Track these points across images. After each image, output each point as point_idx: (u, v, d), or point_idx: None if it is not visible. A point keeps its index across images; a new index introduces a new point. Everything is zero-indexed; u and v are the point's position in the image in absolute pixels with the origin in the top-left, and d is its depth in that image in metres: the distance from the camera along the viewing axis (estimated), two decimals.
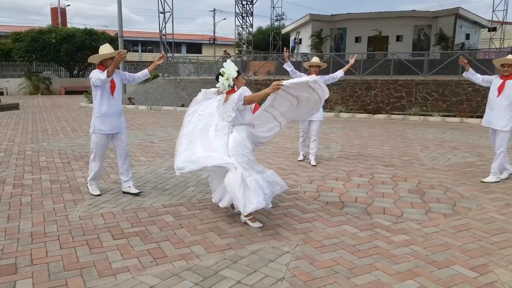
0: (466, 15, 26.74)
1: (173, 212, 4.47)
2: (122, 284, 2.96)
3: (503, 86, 5.74)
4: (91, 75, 4.69)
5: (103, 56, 4.72)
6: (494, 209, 4.77)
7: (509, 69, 5.71)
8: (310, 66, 6.94)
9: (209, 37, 42.88)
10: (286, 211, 4.55)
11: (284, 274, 3.15)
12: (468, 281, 3.11)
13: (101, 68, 4.74)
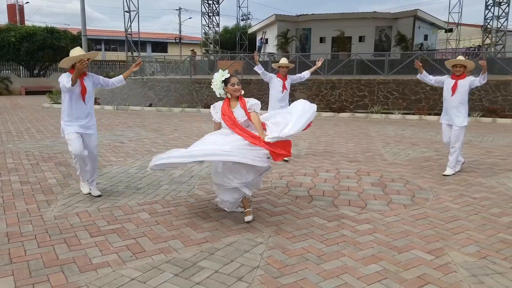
0: (424, 16, 27.88)
1: (148, 210, 4.59)
2: (104, 278, 3.08)
3: (456, 86, 6.12)
4: (60, 79, 4.59)
5: (73, 59, 4.54)
6: (449, 199, 5.16)
7: (460, 69, 6.09)
8: (278, 67, 7.20)
9: (175, 36, 42.55)
10: (258, 206, 4.77)
11: (259, 262, 3.36)
12: (426, 263, 3.43)
13: (72, 72, 4.56)
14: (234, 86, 4.27)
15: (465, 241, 3.88)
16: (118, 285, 2.98)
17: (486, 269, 3.33)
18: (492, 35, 25.51)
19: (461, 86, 6.10)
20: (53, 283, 2.99)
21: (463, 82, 6.10)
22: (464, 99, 6.16)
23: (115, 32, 46.22)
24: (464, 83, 6.09)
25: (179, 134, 9.99)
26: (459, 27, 29.55)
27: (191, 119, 13.25)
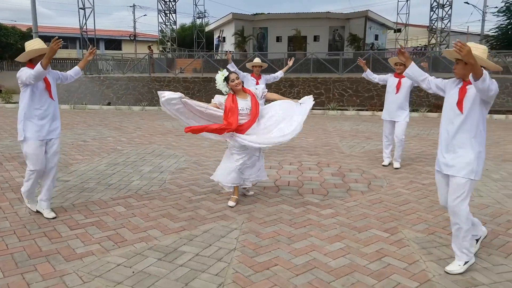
0: (374, 17, 29.10)
1: (123, 204, 4.77)
2: (90, 265, 3.27)
3: (399, 84, 6.37)
4: (19, 74, 4.04)
5: (38, 52, 4.02)
6: (401, 185, 5.69)
7: (400, 67, 6.27)
8: (252, 66, 7.42)
9: (130, 33, 41.75)
10: (230, 196, 5.04)
11: (235, 245, 3.66)
12: (382, 240, 3.86)
13: (31, 66, 4.01)
14: (234, 81, 4.69)
15: (416, 221, 4.37)
16: (106, 270, 3.19)
17: (434, 243, 3.81)
18: (437, 35, 27.04)
19: (404, 84, 6.34)
20: (41, 272, 3.15)
21: (406, 80, 6.27)
22: (407, 97, 6.44)
23: (66, 29, 44.70)
24: (407, 81, 6.26)
25: (142, 132, 10.06)
26: (407, 28, 31.07)
27: (152, 117, 13.29)
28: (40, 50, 4.05)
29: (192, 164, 6.78)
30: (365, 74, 6.74)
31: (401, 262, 3.43)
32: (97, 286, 2.96)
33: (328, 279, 3.12)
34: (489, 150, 8.23)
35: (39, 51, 4.05)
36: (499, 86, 3.16)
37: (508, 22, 26.64)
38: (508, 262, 3.46)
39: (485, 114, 3.25)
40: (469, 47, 2.82)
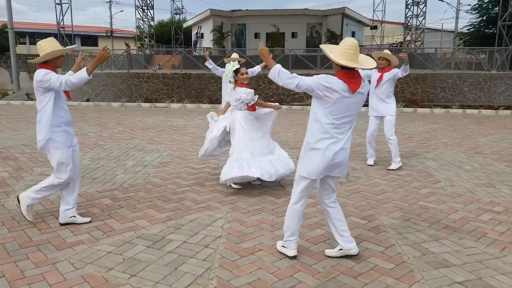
0: (351, 14, 29.58)
1: (109, 196, 4.86)
2: (81, 253, 3.38)
3: (381, 78, 6.35)
4: (42, 77, 3.65)
5: (60, 52, 3.79)
6: (378, 176, 5.94)
7: (383, 62, 6.28)
8: (230, 61, 7.53)
9: (106, 29, 41.15)
10: (213, 188, 5.21)
11: (221, 233, 3.82)
12: (360, 226, 4.09)
13: (47, 67, 3.73)
14: (243, 75, 4.99)
15: (392, 209, 4.62)
16: (96, 257, 3.30)
17: (409, 228, 4.05)
18: (412, 32, 27.68)
19: (385, 78, 6.32)
20: (33, 260, 3.24)
21: (388, 74, 6.29)
22: (389, 91, 6.39)
23: (41, 24, 43.75)
24: (389, 75, 6.30)
25: (123, 128, 10.07)
26: (383, 25, 31.70)
27: (132, 113, 13.27)
28: (61, 51, 3.81)
29: (175, 158, 6.89)
30: None
31: (378, 246, 3.65)
32: (89, 272, 3.07)
33: (310, 262, 3.32)
34: (462, 142, 8.63)
35: (62, 51, 3.82)
36: (472, 82, 3.42)
37: (480, 19, 27.46)
38: (478, 245, 3.72)
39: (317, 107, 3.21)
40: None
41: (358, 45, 3.13)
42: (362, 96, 3.17)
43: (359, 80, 3.14)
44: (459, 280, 3.09)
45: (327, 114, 3.14)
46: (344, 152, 3.24)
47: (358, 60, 3.13)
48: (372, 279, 3.08)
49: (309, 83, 3.14)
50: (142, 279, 2.98)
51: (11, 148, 7.37)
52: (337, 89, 3.07)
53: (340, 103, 3.10)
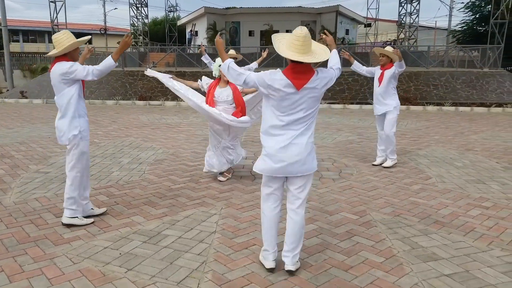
0: (345, 12, 29.66)
1: (105, 193, 4.92)
2: (79, 248, 3.45)
3: (382, 77, 6.20)
4: (68, 69, 3.68)
5: (78, 44, 3.81)
6: (370, 173, 6.04)
7: (383, 58, 6.15)
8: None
9: (100, 27, 40.97)
10: (208, 185, 5.28)
11: (215, 229, 3.90)
12: (352, 221, 4.18)
13: (66, 60, 3.76)
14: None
15: (383, 204, 4.72)
16: (94, 252, 3.37)
17: (399, 223, 4.15)
18: (405, 30, 27.85)
19: (386, 76, 6.17)
20: (32, 255, 3.31)
21: (388, 72, 6.14)
22: (391, 88, 6.23)
23: (34, 22, 43.51)
24: (389, 72, 6.14)
25: (118, 126, 10.10)
26: (376, 22, 31.87)
27: (127, 111, 13.29)
28: (80, 41, 3.83)
29: (169, 155, 6.95)
30: (353, 66, 6.42)
31: (369, 240, 3.74)
32: (86, 266, 3.14)
33: (302, 256, 3.40)
34: (453, 140, 8.76)
35: (80, 43, 3.84)
36: (464, 80, 3.46)
37: (473, 17, 27.69)
38: (466, 239, 3.82)
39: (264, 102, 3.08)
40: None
41: (308, 35, 2.85)
42: (314, 91, 2.92)
43: (308, 74, 2.90)
44: (447, 272, 3.18)
45: (274, 110, 2.95)
46: (297, 148, 2.94)
47: (309, 52, 2.87)
48: (363, 272, 3.17)
49: (254, 79, 2.97)
50: (139, 273, 3.06)
51: (6, 146, 7.40)
52: (279, 87, 2.87)
53: (286, 100, 2.90)
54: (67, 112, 3.82)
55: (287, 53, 2.87)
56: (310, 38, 2.86)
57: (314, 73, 2.93)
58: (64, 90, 3.81)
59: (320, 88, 2.96)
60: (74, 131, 3.83)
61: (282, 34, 3.05)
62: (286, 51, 2.88)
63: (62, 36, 3.76)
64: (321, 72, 2.98)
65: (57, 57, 3.79)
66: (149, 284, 2.90)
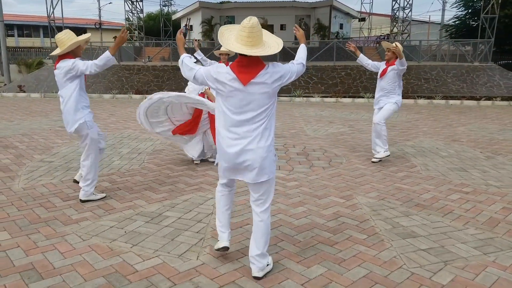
0: (339, 6, 29.94)
1: (107, 180, 5.21)
2: (87, 227, 3.75)
3: (385, 71, 6.09)
4: (71, 66, 4.03)
5: (78, 43, 4.10)
6: (358, 162, 6.37)
7: (388, 53, 6.05)
8: (220, 54, 7.71)
9: (95, 21, 40.94)
10: (205, 173, 5.59)
11: (212, 210, 4.21)
12: (339, 204, 4.51)
13: (70, 57, 4.09)
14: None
15: (369, 189, 5.04)
16: (101, 231, 3.67)
17: (383, 206, 4.48)
18: (398, 24, 28.15)
19: (389, 71, 6.06)
20: (44, 233, 3.60)
21: (392, 67, 6.04)
22: (392, 85, 6.11)
23: (29, 17, 43.42)
24: (393, 68, 6.03)
25: (116, 119, 10.36)
26: (370, 17, 32.13)
27: (124, 105, 13.53)
28: (82, 41, 4.13)
29: (167, 146, 7.23)
30: (358, 59, 6.34)
31: (354, 220, 4.07)
32: (95, 242, 3.44)
33: (292, 233, 3.72)
34: (441, 131, 9.10)
35: (80, 42, 4.12)
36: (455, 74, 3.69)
37: (466, 12, 28.03)
38: (444, 220, 4.15)
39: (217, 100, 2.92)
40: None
41: (256, 26, 2.68)
42: (263, 86, 2.74)
43: (256, 68, 2.72)
44: (423, 247, 3.51)
45: (223, 107, 2.79)
46: (252, 154, 2.77)
47: (258, 44, 2.70)
48: (347, 247, 3.49)
49: (202, 74, 2.85)
50: (143, 247, 3.36)
51: (10, 138, 7.66)
52: (225, 80, 2.73)
53: (234, 96, 2.73)
54: (71, 105, 4.18)
55: (233, 45, 2.71)
56: (259, 29, 2.70)
57: (263, 67, 2.75)
58: (67, 85, 4.16)
59: (271, 84, 2.76)
60: (80, 121, 4.21)
61: (232, 25, 2.89)
62: (233, 43, 2.71)
63: (63, 36, 4.10)
64: (272, 67, 2.80)
65: (60, 55, 4.13)
66: (153, 257, 3.21)
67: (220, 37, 2.79)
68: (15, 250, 3.29)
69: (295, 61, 3.10)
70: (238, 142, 2.77)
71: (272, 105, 2.83)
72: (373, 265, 3.20)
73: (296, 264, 3.19)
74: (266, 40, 2.79)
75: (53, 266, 3.05)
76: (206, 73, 2.83)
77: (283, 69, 2.87)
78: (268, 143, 2.81)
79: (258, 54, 2.69)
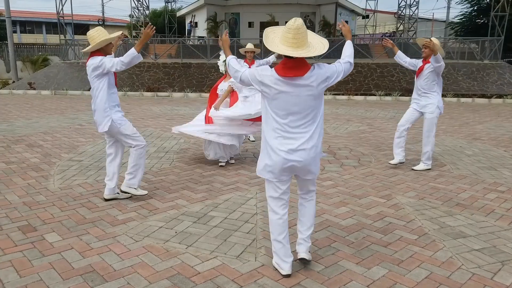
0: (344, 3, 29.80)
1: (143, 179, 5.11)
2: (136, 228, 3.71)
3: (421, 70, 5.69)
4: (98, 64, 4.00)
5: (108, 40, 4.09)
6: (387, 160, 6.32)
7: (425, 50, 5.58)
8: (245, 52, 7.64)
9: (98, 18, 40.81)
10: (238, 172, 5.56)
11: (256, 211, 4.18)
12: (381, 204, 4.48)
13: (99, 54, 4.06)
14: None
15: (406, 189, 5.01)
16: (151, 231, 3.64)
17: (425, 206, 4.45)
18: (405, 21, 28.07)
19: (425, 70, 5.65)
20: (94, 234, 3.57)
21: (429, 65, 5.59)
22: (430, 84, 5.67)
23: (31, 13, 43.24)
24: (429, 66, 5.58)
25: (133, 117, 10.31)
26: (375, 14, 32.03)
27: (137, 102, 13.48)
28: (112, 39, 4.14)
29: (192, 145, 7.20)
30: (396, 57, 5.99)
31: (400, 220, 4.04)
32: (148, 243, 3.41)
33: (342, 234, 3.70)
34: (460, 130, 9.07)
35: (110, 40, 4.12)
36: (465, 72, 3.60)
37: (472, 9, 27.98)
38: (488, 219, 4.13)
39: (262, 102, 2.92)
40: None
41: (301, 27, 2.65)
42: (309, 89, 2.72)
43: (301, 70, 2.69)
44: (476, 248, 3.49)
45: (271, 111, 2.78)
46: (304, 154, 2.79)
47: (303, 45, 2.67)
48: (400, 248, 3.46)
49: (248, 76, 2.82)
50: (198, 248, 3.33)
51: (32, 136, 7.61)
52: (270, 83, 2.71)
53: (279, 99, 2.72)
54: (100, 103, 4.17)
55: (278, 47, 2.70)
56: (304, 30, 2.66)
57: (309, 68, 2.72)
58: (95, 84, 4.15)
59: (316, 86, 2.73)
60: (105, 123, 4.17)
61: (276, 27, 2.85)
62: (278, 45, 2.70)
63: (95, 33, 4.07)
64: (318, 68, 2.76)
65: (92, 52, 4.11)
66: (211, 258, 3.18)
67: (265, 40, 2.76)
68: (69, 252, 3.26)
69: (342, 60, 3.05)
70: (288, 142, 2.78)
71: (319, 105, 2.82)
72: (432, 266, 3.17)
73: (356, 265, 3.16)
74: (311, 41, 2.77)
75: (113, 268, 3.02)
76: (251, 75, 2.82)
77: (329, 70, 2.84)
78: (316, 143, 2.84)
79: (304, 55, 2.67)
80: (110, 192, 4.38)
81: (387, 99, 14.99)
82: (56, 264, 3.06)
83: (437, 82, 5.70)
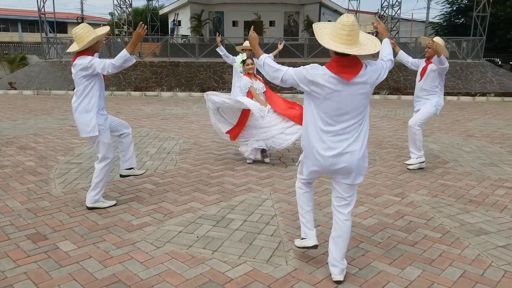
0: (328, 3, 29.94)
1: (150, 181, 4.99)
2: (154, 233, 3.55)
3: (424, 70, 5.57)
4: (88, 64, 3.71)
5: (99, 37, 3.80)
6: (391, 158, 6.31)
7: (429, 50, 5.41)
8: (242, 49, 7.51)
9: (76, 15, 39.92)
10: (246, 173, 5.43)
11: (274, 212, 4.07)
12: (397, 202, 4.43)
13: (88, 54, 3.78)
14: (249, 65, 5.72)
15: (417, 187, 4.98)
16: (171, 236, 3.49)
17: (440, 203, 4.43)
18: (387, 21, 28.34)
19: (430, 69, 5.52)
20: (111, 241, 3.39)
21: (432, 66, 5.48)
22: (431, 85, 5.56)
23: (5, 10, 41.94)
24: (433, 67, 5.48)
25: (126, 117, 10.03)
26: (358, 14, 32.26)
27: (125, 102, 13.16)
28: (102, 36, 3.83)
29: (192, 145, 7.03)
30: (398, 56, 5.76)
31: (420, 219, 3.99)
32: (171, 249, 3.25)
33: (367, 234, 3.62)
34: (453, 127, 9.16)
35: (101, 37, 3.83)
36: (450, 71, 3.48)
37: (451, 9, 28.48)
38: (503, 215, 4.13)
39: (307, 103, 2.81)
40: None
41: (355, 24, 2.57)
42: (364, 86, 2.65)
43: (356, 68, 2.61)
44: (501, 244, 3.47)
45: (319, 112, 2.66)
46: (350, 156, 2.67)
47: (356, 43, 2.58)
48: (428, 246, 3.41)
49: (292, 76, 2.67)
50: (225, 253, 3.20)
51: (22, 138, 7.30)
52: (324, 82, 2.59)
53: (331, 98, 2.60)
54: (88, 105, 3.86)
55: (331, 44, 2.58)
56: (358, 27, 2.58)
57: (362, 66, 2.64)
58: (83, 84, 3.83)
59: (371, 83, 2.69)
60: (92, 127, 3.87)
61: (324, 23, 2.77)
62: (330, 42, 2.58)
63: (81, 31, 3.74)
64: (369, 65, 2.70)
65: (78, 52, 3.79)
66: (240, 263, 3.05)
67: (317, 37, 2.66)
68: (88, 261, 3.07)
69: (384, 58, 2.95)
70: (336, 145, 2.67)
71: (367, 105, 2.74)
72: (464, 264, 3.13)
73: (389, 266, 3.09)
74: (361, 39, 2.69)
75: (139, 277, 2.85)
76: (298, 75, 2.66)
77: (379, 68, 2.78)
78: (363, 144, 2.75)
79: (358, 53, 2.59)
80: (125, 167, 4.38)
81: (375, 97, 15.08)
82: (77, 275, 2.87)
83: (439, 82, 5.60)
